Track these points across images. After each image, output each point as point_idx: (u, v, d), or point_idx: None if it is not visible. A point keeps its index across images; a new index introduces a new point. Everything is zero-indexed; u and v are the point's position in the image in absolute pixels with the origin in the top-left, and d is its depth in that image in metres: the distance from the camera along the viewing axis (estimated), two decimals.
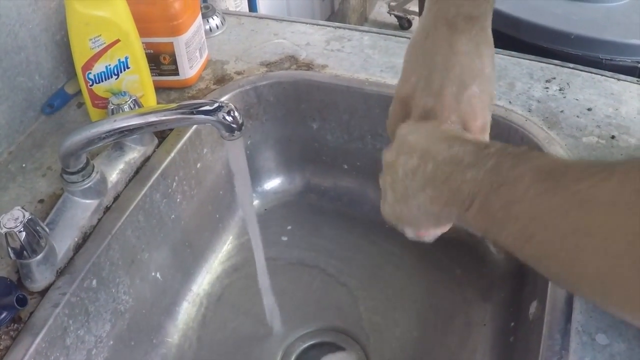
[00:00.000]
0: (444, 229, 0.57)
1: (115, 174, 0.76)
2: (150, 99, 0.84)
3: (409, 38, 0.99)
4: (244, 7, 1.59)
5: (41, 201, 0.74)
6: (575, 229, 0.36)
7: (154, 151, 0.81)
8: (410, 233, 0.58)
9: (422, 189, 0.48)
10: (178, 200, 0.84)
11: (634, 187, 0.33)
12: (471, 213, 0.43)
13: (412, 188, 0.49)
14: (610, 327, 0.59)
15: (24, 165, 0.79)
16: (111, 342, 0.73)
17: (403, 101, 0.58)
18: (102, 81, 0.80)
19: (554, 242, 0.37)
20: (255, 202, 1.01)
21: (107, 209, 0.73)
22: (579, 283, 0.38)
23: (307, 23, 1.05)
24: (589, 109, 0.84)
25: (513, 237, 0.40)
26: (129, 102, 0.75)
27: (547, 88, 0.88)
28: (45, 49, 0.85)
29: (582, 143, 0.79)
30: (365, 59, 0.95)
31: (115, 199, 0.75)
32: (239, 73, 0.94)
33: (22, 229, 0.60)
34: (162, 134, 0.83)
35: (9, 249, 0.61)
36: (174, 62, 0.87)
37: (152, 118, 0.61)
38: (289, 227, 0.99)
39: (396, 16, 2.94)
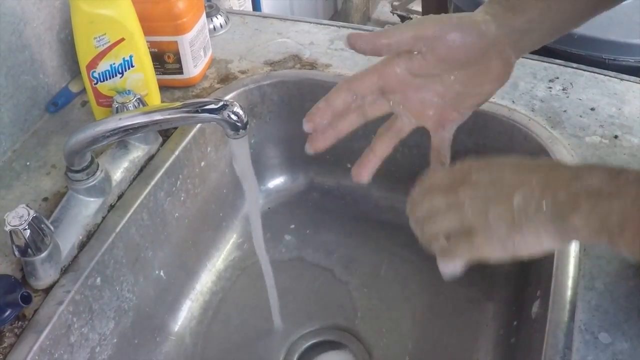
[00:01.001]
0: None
1: (119, 173, 0.76)
2: (155, 98, 0.84)
3: None
4: (248, 6, 1.59)
5: (45, 199, 0.74)
6: None
7: (158, 150, 0.81)
8: (455, 267, 0.58)
9: (557, 219, 0.48)
10: (182, 198, 0.84)
11: None
12: (625, 240, 0.45)
13: (538, 219, 0.49)
14: (613, 326, 0.59)
15: (28, 163, 0.79)
16: (115, 340, 0.73)
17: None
18: (107, 80, 0.80)
19: None
20: (259, 201, 1.01)
21: (111, 207, 0.74)
22: None
23: (310, 22, 1.05)
24: (592, 109, 0.84)
25: None
26: (133, 101, 0.75)
27: (550, 88, 0.88)
28: (50, 47, 0.85)
29: (585, 143, 0.79)
30: (369, 58, 0.94)
31: (120, 197, 0.75)
32: (243, 72, 0.94)
33: (26, 227, 0.60)
34: (166, 133, 0.83)
35: (14, 247, 0.61)
36: (178, 60, 0.87)
37: (157, 116, 0.62)
38: (292, 226, 0.99)
39: (399, 15, 2.94)
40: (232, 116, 0.59)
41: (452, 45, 0.56)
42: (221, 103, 0.59)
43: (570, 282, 0.63)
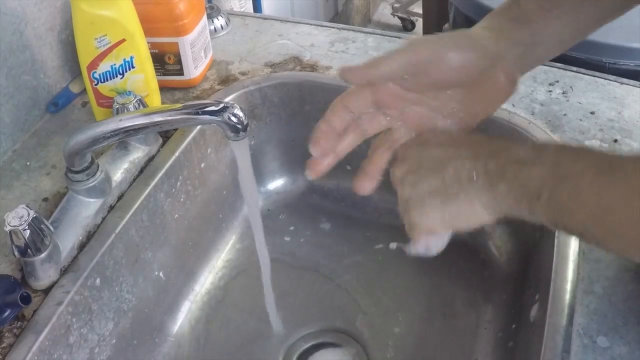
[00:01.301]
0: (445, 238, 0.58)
1: (119, 173, 0.76)
2: (155, 99, 0.85)
3: None
4: (249, 8, 1.59)
5: (45, 199, 0.74)
6: None
7: (158, 151, 0.81)
8: (422, 247, 0.59)
9: (489, 187, 0.51)
10: (182, 199, 0.84)
11: None
12: (540, 203, 0.47)
13: (471, 188, 0.51)
14: (611, 330, 0.59)
15: (28, 163, 0.79)
16: (114, 341, 0.73)
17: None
18: (107, 80, 0.80)
19: (622, 225, 0.43)
20: (259, 203, 1.01)
21: (111, 208, 0.74)
22: None
23: (311, 24, 1.05)
24: (592, 113, 0.84)
25: (583, 222, 0.46)
26: (133, 102, 0.75)
27: (550, 91, 0.88)
28: (50, 47, 0.85)
29: None
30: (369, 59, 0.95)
31: (120, 198, 0.75)
32: (243, 74, 0.95)
33: (26, 227, 0.60)
34: (167, 134, 0.83)
35: (14, 247, 0.61)
36: (178, 62, 0.88)
37: (157, 118, 0.62)
38: (292, 228, 0.99)
39: (400, 17, 2.94)
40: (233, 118, 0.59)
41: (447, 68, 0.55)
42: (221, 105, 0.59)
43: (568, 286, 0.63)
